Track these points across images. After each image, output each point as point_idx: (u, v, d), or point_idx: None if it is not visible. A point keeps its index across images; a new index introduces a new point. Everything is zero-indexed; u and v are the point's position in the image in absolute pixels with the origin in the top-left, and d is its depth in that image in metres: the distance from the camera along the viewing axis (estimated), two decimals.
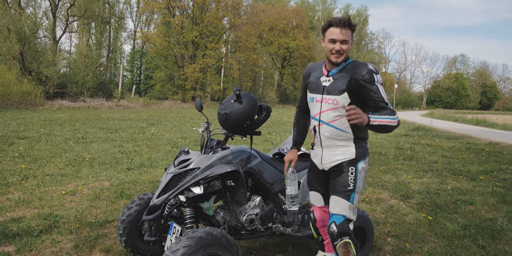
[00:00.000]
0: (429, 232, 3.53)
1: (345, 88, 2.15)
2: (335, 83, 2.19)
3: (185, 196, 2.35)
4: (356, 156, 2.25)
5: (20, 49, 29.32)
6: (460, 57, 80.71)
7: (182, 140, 9.70)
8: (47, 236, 3.21)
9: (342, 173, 2.24)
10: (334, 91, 2.19)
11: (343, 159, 2.25)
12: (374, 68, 2.15)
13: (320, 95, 2.25)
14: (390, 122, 2.05)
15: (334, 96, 2.19)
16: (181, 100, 38.18)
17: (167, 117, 18.91)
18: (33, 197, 4.30)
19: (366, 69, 2.14)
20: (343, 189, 2.22)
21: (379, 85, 2.14)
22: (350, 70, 2.18)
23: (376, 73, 2.14)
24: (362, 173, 2.27)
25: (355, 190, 2.23)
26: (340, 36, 2.10)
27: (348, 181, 2.23)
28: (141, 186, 4.87)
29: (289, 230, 2.71)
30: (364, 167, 2.28)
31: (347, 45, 2.13)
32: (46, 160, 6.43)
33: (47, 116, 16.48)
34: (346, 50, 2.14)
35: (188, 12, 41.79)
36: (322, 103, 2.24)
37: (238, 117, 2.38)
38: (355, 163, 2.25)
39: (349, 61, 2.22)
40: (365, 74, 2.13)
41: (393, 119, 2.07)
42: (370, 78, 2.12)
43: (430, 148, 9.44)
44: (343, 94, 2.16)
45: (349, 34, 2.13)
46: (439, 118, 27.53)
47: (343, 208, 2.22)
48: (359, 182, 2.25)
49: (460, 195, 4.86)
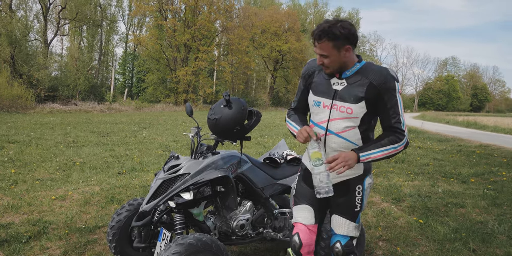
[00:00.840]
0: (420, 236, 3.54)
1: (363, 96, 1.85)
2: (350, 88, 1.88)
3: (175, 202, 2.33)
4: (364, 171, 1.99)
5: (11, 52, 29.03)
6: (451, 59, 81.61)
7: (174, 143, 9.65)
8: (36, 242, 3.17)
9: (348, 193, 1.98)
10: (349, 98, 1.87)
11: (350, 175, 1.98)
12: (396, 75, 1.87)
13: (330, 100, 1.92)
14: (391, 153, 1.85)
15: (349, 104, 1.87)
16: (174, 103, 38.08)
17: (159, 120, 18.83)
18: (22, 202, 4.24)
19: (388, 75, 1.84)
20: (349, 211, 1.99)
21: (398, 97, 1.86)
22: (368, 73, 1.87)
23: (397, 81, 1.86)
24: (368, 190, 2.04)
25: (361, 210, 2.03)
26: (317, 50, 1.85)
27: (355, 202, 1.99)
28: (132, 191, 4.83)
29: (280, 235, 2.70)
30: (371, 182, 2.05)
31: (328, 58, 1.84)
32: (36, 165, 6.36)
33: (38, 120, 16.31)
34: (329, 63, 1.85)
35: (180, 15, 41.75)
36: (332, 110, 1.92)
37: (227, 122, 2.37)
38: (362, 180, 1.99)
39: (363, 62, 1.92)
40: (387, 81, 1.83)
41: (396, 147, 1.84)
42: (393, 87, 1.83)
43: (421, 151, 9.50)
44: (360, 103, 1.86)
45: (327, 46, 1.80)
46: (430, 120, 27.78)
47: (349, 230, 2.01)
48: (365, 201, 2.03)
49: (451, 198, 4.89)
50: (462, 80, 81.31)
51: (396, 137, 1.85)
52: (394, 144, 1.84)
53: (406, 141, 1.87)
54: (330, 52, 1.81)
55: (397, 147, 1.85)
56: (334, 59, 1.83)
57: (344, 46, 1.82)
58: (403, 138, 1.85)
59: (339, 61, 1.85)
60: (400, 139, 1.85)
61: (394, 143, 1.84)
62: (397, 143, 1.85)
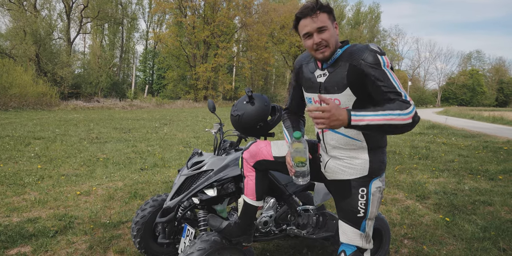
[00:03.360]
0: (447, 234, 3.44)
1: (346, 82, 1.66)
2: (332, 77, 1.70)
3: (198, 199, 2.33)
4: (369, 172, 1.76)
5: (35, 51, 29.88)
6: (476, 53, 79.23)
7: (195, 139, 9.72)
8: (62, 236, 3.24)
9: (349, 195, 1.78)
10: (333, 88, 1.70)
11: (352, 176, 1.78)
12: (378, 48, 1.64)
13: (317, 94, 1.78)
14: (392, 120, 1.48)
15: (335, 95, 1.70)
16: (193, 100, 38.38)
17: (180, 116, 19.01)
18: (49, 197, 4.34)
19: (366, 50, 1.63)
20: (351, 215, 1.79)
21: (386, 70, 1.60)
22: (347, 56, 1.67)
23: (381, 54, 1.62)
24: (377, 195, 1.78)
25: (366, 217, 1.78)
26: (313, 25, 1.66)
27: (358, 207, 1.76)
28: (155, 187, 4.88)
29: (304, 232, 2.67)
30: (380, 186, 1.79)
31: (327, 31, 1.67)
32: (61, 160, 6.51)
33: (62, 117, 16.72)
34: (329, 38, 1.67)
35: (200, 12, 41.93)
36: (322, 105, 1.71)
37: (251, 118, 2.35)
38: (367, 183, 1.76)
39: (345, 47, 1.72)
40: (366, 56, 1.61)
41: (399, 115, 1.48)
42: (373, 60, 1.60)
43: (446, 147, 9.27)
44: (345, 91, 1.67)
45: (324, 18, 1.66)
46: (454, 116, 27.09)
47: (352, 238, 1.80)
48: (371, 207, 1.78)
49: (478, 196, 4.74)
50: (487, 74, 78.83)
51: (398, 104, 1.52)
52: (397, 110, 1.49)
53: (413, 111, 1.51)
54: (328, 23, 1.67)
55: (401, 115, 1.48)
56: (332, 32, 1.68)
57: (334, 22, 1.72)
58: (408, 106, 1.51)
59: (335, 36, 1.70)
60: (404, 106, 1.51)
61: (397, 109, 1.49)
62: (401, 110, 1.49)
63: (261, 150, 2.04)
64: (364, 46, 1.65)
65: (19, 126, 11.84)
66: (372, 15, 68.53)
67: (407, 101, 1.54)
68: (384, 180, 1.84)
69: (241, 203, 2.15)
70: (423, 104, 69.23)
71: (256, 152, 2.04)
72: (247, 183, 2.09)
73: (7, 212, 3.82)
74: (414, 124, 1.52)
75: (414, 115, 1.51)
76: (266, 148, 2.04)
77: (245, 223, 2.13)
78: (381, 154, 1.79)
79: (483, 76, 75.31)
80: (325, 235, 2.65)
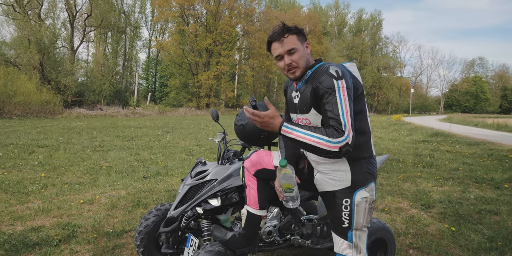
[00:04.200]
0: (453, 244, 3.41)
1: (310, 102, 1.72)
2: (302, 98, 1.78)
3: (202, 208, 2.32)
4: (352, 183, 1.76)
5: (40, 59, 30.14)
6: (478, 60, 79.22)
7: (198, 147, 9.72)
8: (65, 245, 3.22)
9: (334, 206, 1.81)
10: (302, 109, 1.78)
11: (336, 188, 1.79)
12: (337, 72, 1.64)
13: (295, 114, 1.87)
14: (317, 143, 1.56)
15: (305, 115, 1.78)
16: (196, 107, 38.51)
17: (182, 124, 19.04)
18: (52, 206, 4.34)
19: (325, 73, 1.66)
20: (337, 226, 1.82)
21: (340, 96, 1.61)
22: (312, 78, 1.74)
23: (338, 79, 1.62)
24: (363, 205, 1.77)
25: (351, 228, 1.79)
26: (282, 48, 1.73)
27: (342, 217, 1.78)
28: (158, 195, 4.87)
29: (308, 242, 2.64)
30: (366, 197, 1.78)
31: (297, 53, 1.73)
32: (65, 169, 6.52)
33: (66, 124, 16.78)
34: (298, 59, 1.73)
35: (202, 20, 42.29)
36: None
37: (255, 128, 2.35)
38: (351, 194, 1.76)
39: (316, 66, 1.78)
40: (322, 80, 1.65)
41: (326, 141, 1.55)
42: (328, 85, 1.62)
43: (450, 155, 9.22)
44: (311, 111, 1.73)
45: (293, 40, 1.72)
46: (458, 123, 27.01)
47: (342, 248, 1.83)
48: (357, 218, 1.78)
49: (484, 205, 4.70)
50: (491, 81, 78.85)
51: (332, 131, 1.56)
52: (326, 136, 1.55)
53: (343, 141, 1.54)
54: (297, 44, 1.73)
55: (329, 143, 1.54)
56: (302, 53, 1.74)
57: (304, 42, 1.78)
58: (340, 136, 1.54)
59: (305, 57, 1.76)
60: (336, 136, 1.55)
61: (327, 136, 1.55)
62: (331, 138, 1.54)
63: (263, 159, 2.06)
64: (325, 69, 1.69)
65: (23, 134, 11.89)
66: (374, 22, 68.90)
67: (341, 131, 1.57)
68: (373, 190, 1.81)
69: (245, 213, 2.14)
70: (426, 111, 69.18)
71: (257, 161, 2.06)
72: (249, 192, 2.10)
73: (11, 220, 3.81)
74: (341, 154, 1.56)
75: (343, 145, 1.55)
76: (267, 157, 2.07)
77: (250, 233, 2.12)
78: (365, 164, 1.78)
79: (486, 83, 75.32)
80: (329, 245, 2.62)
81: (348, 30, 71.41)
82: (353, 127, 1.61)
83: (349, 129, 1.58)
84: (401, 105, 67.66)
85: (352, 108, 1.63)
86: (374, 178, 1.81)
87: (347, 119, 1.59)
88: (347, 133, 1.57)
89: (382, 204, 4.68)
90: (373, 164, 1.82)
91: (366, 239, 1.83)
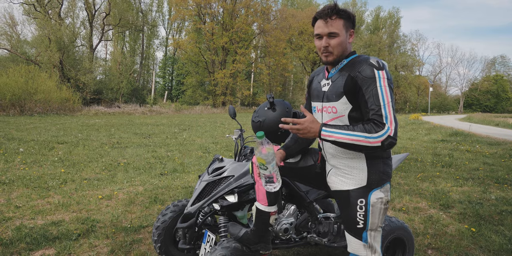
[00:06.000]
0: (473, 245, 3.34)
1: (342, 90, 1.68)
2: (333, 85, 1.73)
3: (219, 205, 2.33)
4: (368, 183, 1.72)
5: (59, 58, 30.75)
6: (500, 58, 77.14)
7: (214, 145, 9.77)
8: (84, 240, 3.28)
9: (348, 206, 1.76)
10: (332, 96, 1.73)
11: (351, 187, 1.75)
12: (378, 62, 1.63)
13: (321, 103, 1.82)
14: (358, 141, 1.55)
15: (333, 103, 1.73)
16: (212, 105, 38.70)
17: (198, 122, 19.17)
18: (72, 201, 4.42)
19: (365, 63, 1.64)
20: (352, 226, 1.76)
21: (380, 86, 1.59)
22: (350, 67, 1.70)
23: (379, 69, 1.61)
24: (378, 206, 1.73)
25: (366, 229, 1.74)
26: (325, 29, 1.69)
27: (357, 218, 1.73)
28: (174, 192, 4.91)
29: (325, 240, 2.63)
30: (382, 197, 1.73)
31: (337, 38, 1.69)
32: (84, 165, 6.64)
33: (84, 122, 17.10)
34: (336, 45, 1.70)
35: (218, 18, 42.43)
36: (323, 113, 1.80)
37: (272, 124, 2.34)
38: (366, 194, 1.72)
39: (350, 57, 1.74)
40: (363, 69, 1.62)
41: (366, 137, 1.54)
42: (369, 74, 1.61)
43: (470, 155, 9.03)
44: (341, 99, 1.69)
45: (339, 24, 1.69)
46: (478, 123, 26.40)
47: (356, 248, 1.78)
48: (372, 218, 1.73)
49: (505, 206, 4.58)
50: None
51: (371, 126, 1.56)
52: (366, 133, 1.54)
53: (385, 135, 1.53)
54: (340, 30, 1.70)
55: (369, 139, 1.53)
56: (342, 40, 1.70)
57: (350, 30, 1.74)
58: (379, 130, 1.53)
59: (344, 45, 1.72)
60: (375, 130, 1.54)
61: (366, 132, 1.54)
62: (370, 134, 1.54)
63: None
64: (365, 59, 1.67)
65: (43, 131, 12.17)
66: (392, 20, 67.84)
67: (381, 124, 1.56)
68: (388, 191, 1.77)
69: (254, 210, 2.13)
70: (445, 110, 67.81)
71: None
72: (258, 188, 2.06)
73: (32, 214, 3.90)
74: (384, 147, 1.55)
75: (385, 139, 1.54)
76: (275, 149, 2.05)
77: (260, 230, 2.10)
78: (382, 165, 1.75)
79: (508, 81, 73.30)
80: (346, 244, 2.60)
81: (366, 28, 70.50)
82: (395, 119, 1.58)
83: (391, 120, 1.56)
84: (419, 104, 66.56)
85: (394, 100, 1.61)
86: (389, 179, 1.79)
87: (389, 110, 1.57)
88: (388, 125, 1.55)
89: (400, 203, 4.61)
90: (390, 165, 1.79)
91: (380, 239, 1.80)
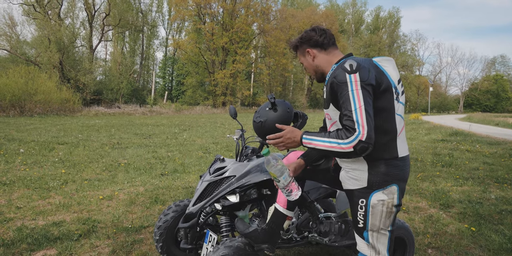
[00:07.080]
0: (473, 244, 3.35)
1: (327, 98, 1.72)
2: (324, 93, 1.80)
3: (221, 204, 2.34)
4: (368, 184, 1.71)
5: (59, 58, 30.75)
6: (500, 58, 77.31)
7: (214, 145, 9.77)
8: (86, 240, 3.29)
9: (353, 204, 1.81)
10: (325, 104, 1.80)
11: (355, 186, 1.78)
12: (350, 66, 1.60)
13: (324, 109, 1.89)
14: (332, 147, 1.59)
15: (326, 110, 1.80)
16: (212, 106, 38.70)
17: (199, 122, 19.17)
18: (72, 201, 4.43)
19: (339, 68, 1.64)
20: (354, 225, 1.81)
21: (352, 90, 1.57)
22: (332, 73, 1.71)
23: (351, 73, 1.59)
24: (379, 208, 1.71)
25: (366, 229, 1.76)
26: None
27: (357, 217, 1.77)
28: (175, 192, 4.92)
29: (326, 240, 2.63)
30: (383, 199, 1.71)
31: (305, 63, 1.94)
32: (84, 165, 6.65)
33: (85, 122, 17.10)
34: (307, 67, 1.94)
35: (218, 18, 42.43)
36: (326, 120, 1.91)
37: (273, 125, 2.35)
38: (367, 195, 1.72)
39: (341, 61, 1.76)
40: (337, 74, 1.62)
41: (338, 143, 1.57)
42: (341, 79, 1.60)
43: (470, 154, 9.04)
44: (330, 106, 1.73)
45: (300, 54, 1.95)
46: (478, 122, 26.41)
47: (361, 247, 1.82)
48: (372, 220, 1.73)
49: (505, 205, 4.60)
50: None
51: (343, 132, 1.57)
52: (338, 139, 1.57)
53: (355, 140, 1.53)
54: (301, 59, 1.96)
55: (342, 145, 1.55)
56: (307, 65, 1.92)
57: (305, 51, 1.90)
58: (350, 136, 1.54)
59: (311, 67, 1.91)
60: (346, 136, 1.55)
61: (338, 138, 1.57)
62: (342, 140, 1.56)
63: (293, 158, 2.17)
64: (342, 63, 1.66)
65: (43, 132, 12.17)
66: (392, 20, 67.88)
67: (352, 129, 1.55)
68: (393, 194, 1.72)
69: (272, 210, 2.17)
70: (445, 110, 67.87)
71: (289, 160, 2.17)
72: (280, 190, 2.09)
73: (33, 215, 3.91)
74: (358, 152, 1.55)
75: (356, 144, 1.53)
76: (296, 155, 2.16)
77: (272, 231, 2.14)
78: (384, 166, 1.70)
79: (508, 81, 73.32)
80: (347, 243, 2.61)
81: (366, 28, 70.55)
82: (369, 123, 1.55)
83: (362, 125, 1.54)
84: (419, 103, 66.60)
85: (368, 103, 1.57)
86: (398, 181, 1.72)
87: (360, 114, 1.55)
88: (360, 129, 1.53)
89: None
90: (398, 167, 1.72)
91: (387, 242, 1.77)
